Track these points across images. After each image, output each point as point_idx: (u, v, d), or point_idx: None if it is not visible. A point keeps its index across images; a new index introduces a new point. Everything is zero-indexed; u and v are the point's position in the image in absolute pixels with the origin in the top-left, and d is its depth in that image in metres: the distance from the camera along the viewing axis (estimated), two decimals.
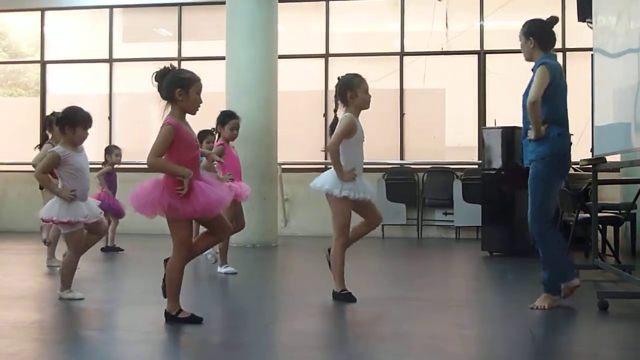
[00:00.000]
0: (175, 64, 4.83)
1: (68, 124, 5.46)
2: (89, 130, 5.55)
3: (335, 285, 5.53)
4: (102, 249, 8.91)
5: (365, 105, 5.52)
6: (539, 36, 5.23)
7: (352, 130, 5.42)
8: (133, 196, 4.58)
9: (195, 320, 4.61)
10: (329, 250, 5.61)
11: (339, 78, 5.56)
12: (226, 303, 5.89)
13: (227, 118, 7.11)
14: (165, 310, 4.64)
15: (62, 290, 5.55)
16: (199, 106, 4.67)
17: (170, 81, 4.58)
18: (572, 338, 4.66)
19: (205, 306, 5.52)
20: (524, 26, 5.30)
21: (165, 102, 4.64)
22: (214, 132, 7.34)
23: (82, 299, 5.50)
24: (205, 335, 4.53)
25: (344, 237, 5.49)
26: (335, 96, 5.56)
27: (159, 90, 4.63)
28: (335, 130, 5.45)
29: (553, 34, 5.31)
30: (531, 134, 5.09)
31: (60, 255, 7.38)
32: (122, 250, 9.06)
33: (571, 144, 5.24)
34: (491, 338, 4.56)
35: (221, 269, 6.97)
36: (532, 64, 5.24)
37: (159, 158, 4.51)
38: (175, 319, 4.60)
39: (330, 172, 5.51)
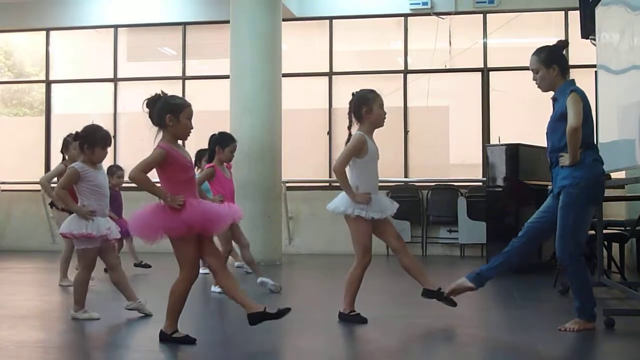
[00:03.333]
0: (179, 82, 4.86)
1: (87, 144, 5.50)
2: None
3: (344, 305, 5.38)
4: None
5: (380, 121, 5.36)
6: (561, 62, 5.05)
7: (361, 150, 5.25)
8: (133, 221, 4.65)
9: (189, 341, 4.58)
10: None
11: (353, 94, 5.38)
12: (230, 321, 5.87)
13: (228, 140, 7.08)
14: (161, 329, 4.63)
15: (76, 311, 5.52)
16: (190, 132, 4.71)
17: (160, 108, 4.62)
18: (579, 356, 4.63)
19: (210, 324, 5.51)
20: (539, 55, 5.06)
21: (157, 128, 4.67)
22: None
23: (98, 319, 5.49)
24: (210, 353, 4.52)
25: (366, 258, 5.32)
26: (349, 113, 5.37)
27: (150, 117, 4.66)
28: (342, 151, 5.31)
29: (567, 58, 5.17)
30: (565, 160, 4.90)
31: (72, 276, 7.41)
32: (150, 266, 9.00)
33: (604, 171, 5.08)
34: (498, 356, 4.54)
35: (215, 289, 6.89)
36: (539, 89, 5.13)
37: (143, 174, 4.56)
38: (169, 339, 4.58)
39: (342, 194, 5.35)
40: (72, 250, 7.39)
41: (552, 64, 5.02)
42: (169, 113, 4.59)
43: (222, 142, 7.03)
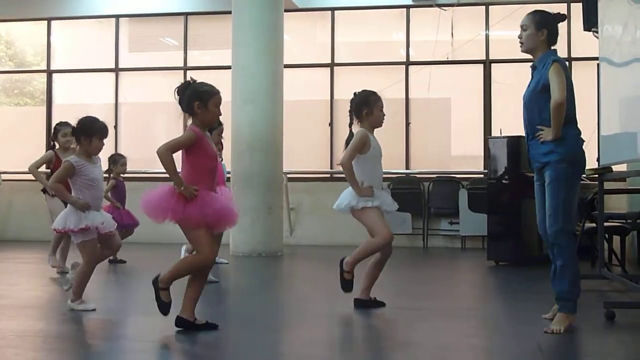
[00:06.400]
0: (181, 73, 4.86)
1: (84, 134, 5.45)
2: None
3: (363, 292, 5.52)
4: (109, 260, 8.79)
5: (379, 123, 5.53)
6: (552, 29, 4.95)
7: (364, 146, 5.40)
8: (145, 200, 4.62)
9: (211, 327, 4.67)
10: (341, 262, 5.57)
11: (355, 94, 5.53)
12: (232, 312, 5.88)
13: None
14: (181, 317, 4.66)
15: (73, 301, 5.49)
16: (218, 119, 4.79)
17: (190, 94, 4.64)
18: (579, 348, 4.64)
19: (212, 315, 5.51)
20: (534, 15, 4.99)
21: (186, 114, 4.71)
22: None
23: (94, 309, 5.46)
24: (212, 345, 4.53)
25: (384, 236, 5.37)
26: (350, 111, 5.53)
27: (179, 103, 4.69)
28: (347, 147, 5.43)
29: (558, 31, 5.04)
30: (548, 135, 4.77)
31: (67, 264, 7.43)
32: (124, 262, 8.93)
33: (584, 141, 4.94)
34: (498, 348, 4.55)
35: None
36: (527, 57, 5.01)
37: (170, 153, 4.54)
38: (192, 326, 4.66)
39: (347, 190, 5.46)
40: (60, 239, 7.47)
41: (542, 27, 4.93)
42: (197, 100, 4.62)
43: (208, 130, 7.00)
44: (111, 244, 5.62)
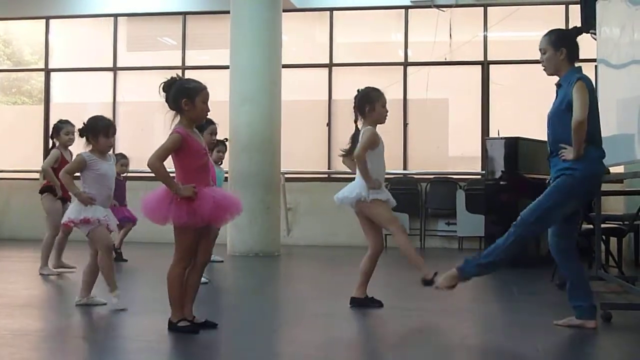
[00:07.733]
0: (179, 72, 4.85)
1: (90, 134, 5.51)
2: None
3: (358, 290, 5.62)
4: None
5: (382, 119, 5.59)
6: (570, 46, 4.85)
7: (375, 142, 5.48)
8: (144, 202, 4.60)
9: (191, 330, 4.58)
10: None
11: (358, 91, 5.60)
12: (229, 312, 5.88)
13: (205, 124, 7.06)
14: (169, 318, 4.64)
15: (111, 292, 5.55)
16: (207, 115, 4.72)
17: (176, 91, 4.60)
18: (576, 349, 4.64)
19: (209, 315, 5.51)
20: (550, 36, 4.88)
21: (174, 112, 4.65)
22: (225, 141, 7.36)
23: (104, 304, 5.57)
24: (209, 345, 4.52)
25: (399, 226, 5.63)
26: (354, 108, 5.59)
27: (166, 100, 4.65)
28: (360, 142, 5.46)
29: (578, 45, 4.95)
30: (569, 154, 4.69)
31: (51, 265, 7.48)
32: (126, 260, 8.98)
33: (604, 171, 4.88)
34: (495, 349, 4.55)
35: None
36: (543, 75, 4.93)
37: (161, 162, 4.51)
38: (175, 328, 4.59)
39: (354, 183, 5.53)
40: (54, 238, 7.58)
41: (560, 46, 4.83)
42: (184, 97, 4.57)
43: (200, 127, 7.01)
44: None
